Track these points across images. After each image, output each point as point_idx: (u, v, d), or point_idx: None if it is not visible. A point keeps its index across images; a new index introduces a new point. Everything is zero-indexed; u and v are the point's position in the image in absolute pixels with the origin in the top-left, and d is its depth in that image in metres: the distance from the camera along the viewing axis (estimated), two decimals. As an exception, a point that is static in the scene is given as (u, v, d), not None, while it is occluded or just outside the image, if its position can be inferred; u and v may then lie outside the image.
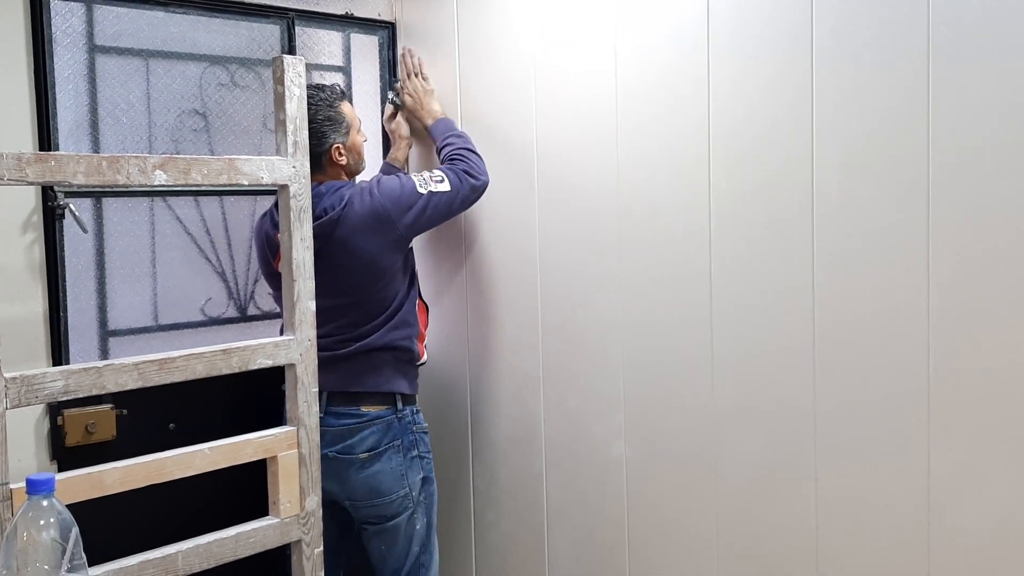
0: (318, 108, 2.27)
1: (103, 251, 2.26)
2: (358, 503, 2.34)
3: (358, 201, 2.25)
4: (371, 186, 2.29)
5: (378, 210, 2.25)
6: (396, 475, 2.33)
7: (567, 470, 2.37)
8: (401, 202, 2.27)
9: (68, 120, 2.18)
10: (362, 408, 2.30)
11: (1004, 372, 1.56)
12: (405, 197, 2.27)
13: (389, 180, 2.30)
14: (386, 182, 2.29)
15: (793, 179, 1.82)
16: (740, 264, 1.93)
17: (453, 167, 2.37)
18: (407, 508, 2.35)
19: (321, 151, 2.27)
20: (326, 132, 2.28)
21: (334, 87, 2.33)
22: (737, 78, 1.90)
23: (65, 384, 1.68)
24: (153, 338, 2.35)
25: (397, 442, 2.33)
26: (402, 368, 2.37)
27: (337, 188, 2.27)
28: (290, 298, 1.98)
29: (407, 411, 2.36)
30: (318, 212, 2.21)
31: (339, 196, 2.25)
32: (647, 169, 2.09)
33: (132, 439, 2.18)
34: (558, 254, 2.33)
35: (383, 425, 2.32)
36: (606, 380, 2.23)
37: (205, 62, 2.41)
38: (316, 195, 2.22)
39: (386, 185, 2.28)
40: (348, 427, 2.29)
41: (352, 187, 2.29)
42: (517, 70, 2.38)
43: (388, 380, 2.34)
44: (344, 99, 2.34)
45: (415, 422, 2.39)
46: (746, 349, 1.94)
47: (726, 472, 2.00)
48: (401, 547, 2.37)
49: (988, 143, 1.55)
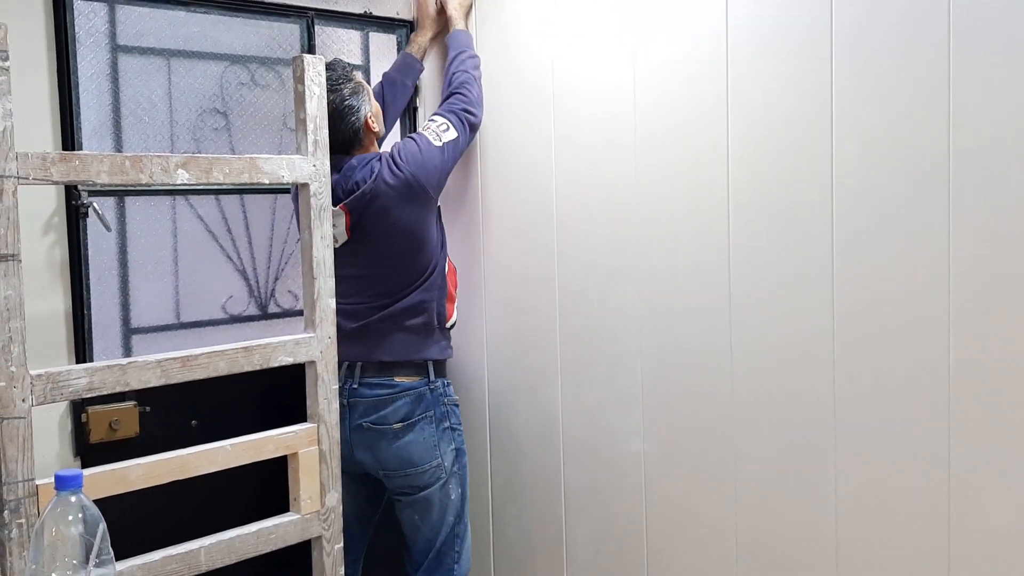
0: (341, 86, 2.31)
1: (126, 249, 2.28)
2: (391, 473, 2.37)
3: (387, 172, 2.30)
4: (394, 155, 2.33)
5: (408, 180, 2.30)
6: (429, 445, 2.36)
7: (585, 465, 2.38)
8: (426, 165, 2.33)
9: (91, 119, 2.20)
10: (395, 379, 2.35)
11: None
12: (427, 158, 2.33)
13: (408, 146, 2.35)
14: (407, 149, 2.34)
15: (812, 172, 1.82)
16: (759, 258, 1.93)
17: (453, 108, 2.43)
18: (439, 479, 2.39)
19: (359, 125, 2.34)
20: (357, 105, 2.34)
21: (339, 61, 2.38)
22: (756, 68, 1.90)
23: (90, 381, 1.70)
24: (175, 336, 2.37)
25: (430, 413, 2.37)
26: (432, 333, 2.41)
27: (367, 161, 2.33)
28: (310, 296, 1.99)
29: (439, 383, 2.40)
30: (351, 185, 2.30)
31: (370, 168, 2.31)
32: (665, 163, 2.09)
33: (155, 436, 2.20)
34: (575, 247, 2.33)
35: (415, 396, 2.36)
36: (624, 375, 2.24)
37: (226, 61, 2.43)
38: (348, 168, 2.32)
39: (408, 152, 2.33)
40: (381, 398, 2.33)
41: (380, 158, 2.34)
42: (535, 64, 2.38)
43: (419, 347, 2.39)
44: (352, 68, 2.39)
45: (446, 394, 2.43)
46: (765, 344, 1.94)
47: (745, 468, 2.00)
48: (436, 517, 2.41)
49: (1009, 135, 1.54)
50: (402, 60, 2.64)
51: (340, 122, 2.27)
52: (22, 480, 1.60)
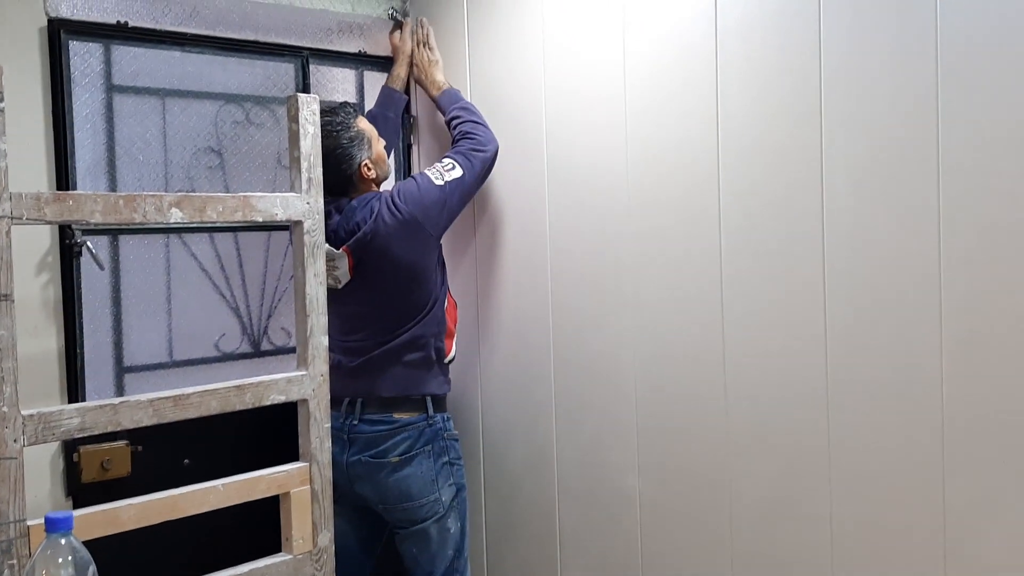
0: (339, 132, 2.32)
1: (119, 288, 2.28)
2: (389, 506, 2.37)
3: (386, 212, 2.31)
4: (394, 196, 2.34)
5: (406, 219, 2.30)
6: (427, 480, 2.36)
7: (580, 500, 2.36)
8: (425, 203, 2.32)
9: (86, 159, 2.21)
10: (394, 415, 2.35)
11: (1019, 401, 1.55)
12: (427, 197, 2.33)
13: (407, 185, 2.36)
14: (406, 189, 2.35)
15: (802, 204, 1.82)
16: (752, 291, 1.94)
17: (460, 148, 2.43)
18: (437, 513, 2.38)
19: (351, 172, 2.35)
20: (352, 153, 2.34)
21: (346, 106, 2.39)
22: (745, 101, 1.91)
23: (81, 421, 1.69)
24: (168, 374, 2.36)
25: (428, 447, 2.37)
26: (431, 366, 2.41)
27: (367, 201, 2.35)
28: (303, 333, 1.99)
29: (438, 418, 2.40)
30: (352, 226, 2.31)
31: (369, 208, 2.32)
32: (658, 195, 2.10)
33: (147, 475, 2.18)
34: (570, 281, 2.33)
35: (415, 431, 2.36)
36: (619, 409, 2.23)
37: (221, 100, 2.44)
38: (349, 210, 2.34)
39: (407, 192, 2.34)
40: (381, 433, 2.34)
41: (380, 197, 2.35)
42: (526, 98, 2.40)
43: (419, 383, 2.39)
44: (358, 114, 2.40)
45: (446, 429, 2.42)
46: (760, 378, 1.94)
47: (740, 502, 1.99)
48: (435, 551, 2.40)
49: (999, 165, 1.55)
50: (382, 94, 2.68)
51: (334, 167, 2.27)
52: (13, 521, 1.59)
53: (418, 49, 2.65)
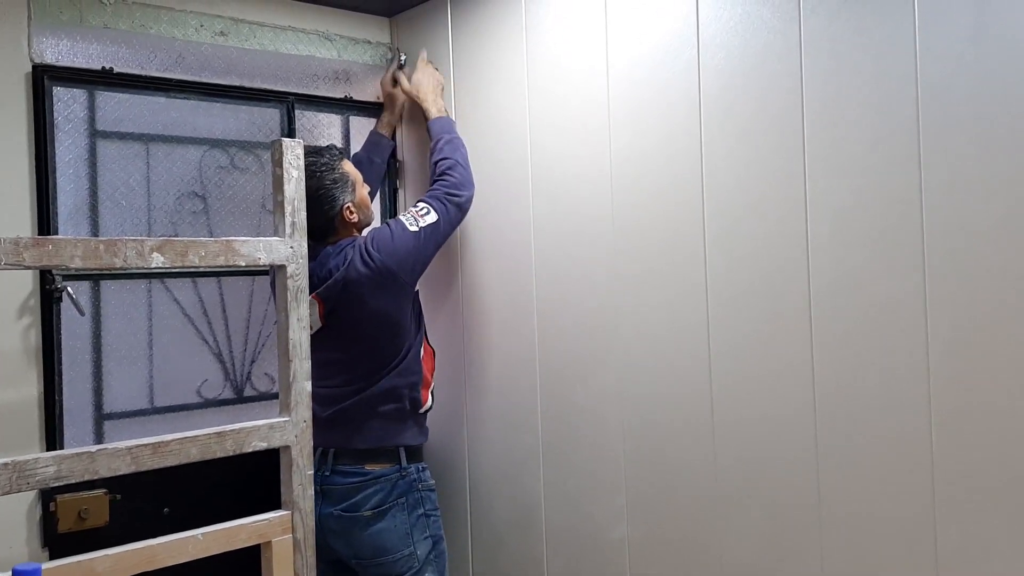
0: (323, 173, 2.30)
1: (100, 333, 2.25)
2: (364, 561, 2.33)
3: (359, 260, 2.28)
4: (367, 244, 2.30)
5: (379, 268, 2.27)
6: (401, 533, 2.31)
7: (568, 554, 2.32)
8: (398, 252, 2.29)
9: (68, 204, 2.20)
10: (366, 466, 2.31)
11: (1008, 446, 1.53)
12: (401, 247, 2.29)
13: (381, 233, 2.32)
14: (380, 237, 2.31)
15: (787, 252, 1.82)
16: (738, 342, 1.93)
17: (435, 193, 2.39)
18: (412, 567, 2.33)
19: (333, 214, 2.33)
20: (335, 195, 2.32)
21: (331, 149, 2.37)
22: (729, 155, 1.92)
23: (57, 470, 1.65)
24: (149, 421, 2.33)
25: (402, 500, 2.32)
26: (406, 417, 2.37)
27: (342, 248, 2.32)
28: (286, 379, 1.96)
29: (412, 468, 2.35)
30: (324, 273, 2.28)
31: (343, 256, 2.30)
32: (643, 246, 2.10)
33: (126, 524, 2.14)
34: (555, 332, 2.32)
35: (387, 483, 2.31)
36: (606, 461, 2.20)
37: (205, 145, 2.44)
38: (324, 256, 2.31)
39: (381, 240, 2.30)
40: (353, 485, 2.30)
41: (354, 245, 2.32)
42: (513, 147, 2.41)
43: (393, 433, 2.34)
44: (343, 157, 2.39)
45: (421, 479, 2.37)
46: (747, 429, 1.92)
47: (729, 554, 1.96)
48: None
49: (980, 212, 1.55)
50: (369, 138, 2.68)
51: (316, 209, 2.24)
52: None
53: (425, 66, 2.61)
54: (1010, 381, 1.53)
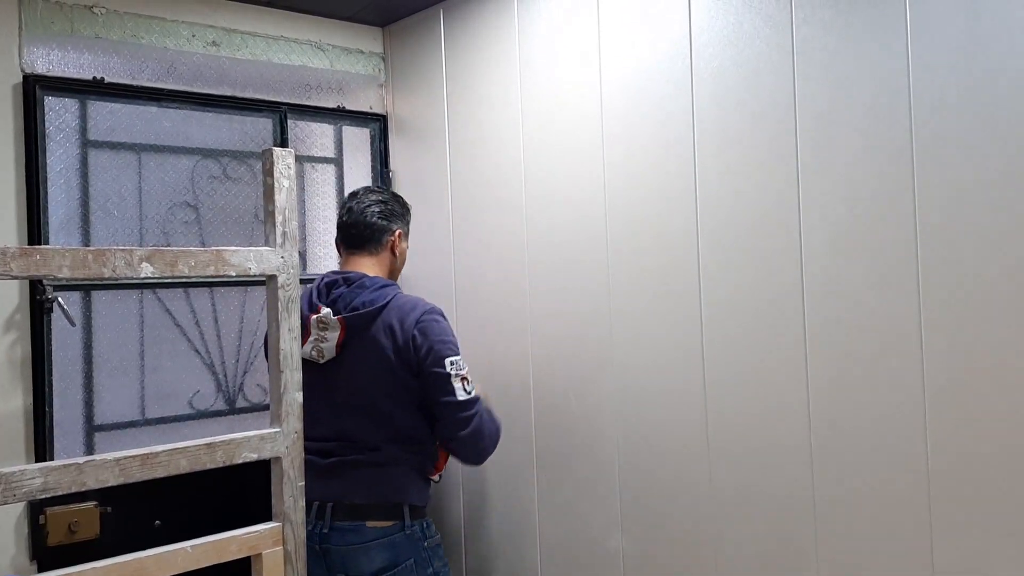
0: (396, 198, 2.30)
1: (91, 344, 2.24)
2: None
3: (396, 311, 2.14)
4: (418, 314, 2.15)
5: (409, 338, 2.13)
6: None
7: (563, 564, 2.31)
8: (433, 354, 2.13)
9: (59, 214, 2.19)
10: (367, 524, 2.13)
11: (1004, 454, 1.52)
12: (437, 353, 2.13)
13: (439, 326, 2.17)
14: (436, 328, 2.16)
15: (782, 265, 1.81)
16: (733, 350, 1.91)
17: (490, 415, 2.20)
18: None
19: (389, 228, 2.25)
20: (395, 217, 2.27)
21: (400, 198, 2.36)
22: (723, 167, 1.91)
23: (44, 482, 1.63)
24: (140, 432, 2.31)
25: (409, 561, 2.14)
26: (412, 476, 2.18)
27: (382, 285, 2.19)
28: (277, 389, 1.95)
29: (416, 526, 2.16)
30: (356, 303, 2.14)
31: (382, 294, 2.16)
32: (637, 258, 2.09)
33: (116, 537, 2.13)
34: (549, 341, 2.31)
35: (389, 543, 2.13)
36: (601, 470, 2.19)
37: (197, 155, 2.43)
38: (359, 285, 2.17)
39: (433, 329, 2.15)
40: (354, 546, 2.12)
41: (397, 291, 2.20)
42: (505, 160, 2.40)
43: (396, 489, 2.16)
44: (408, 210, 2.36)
45: (426, 536, 2.18)
46: (743, 436, 1.90)
47: (724, 564, 1.94)
48: None
49: (973, 222, 1.55)
50: None
51: (372, 216, 2.21)
52: (-32, 587, 1.53)
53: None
54: (1003, 386, 1.52)
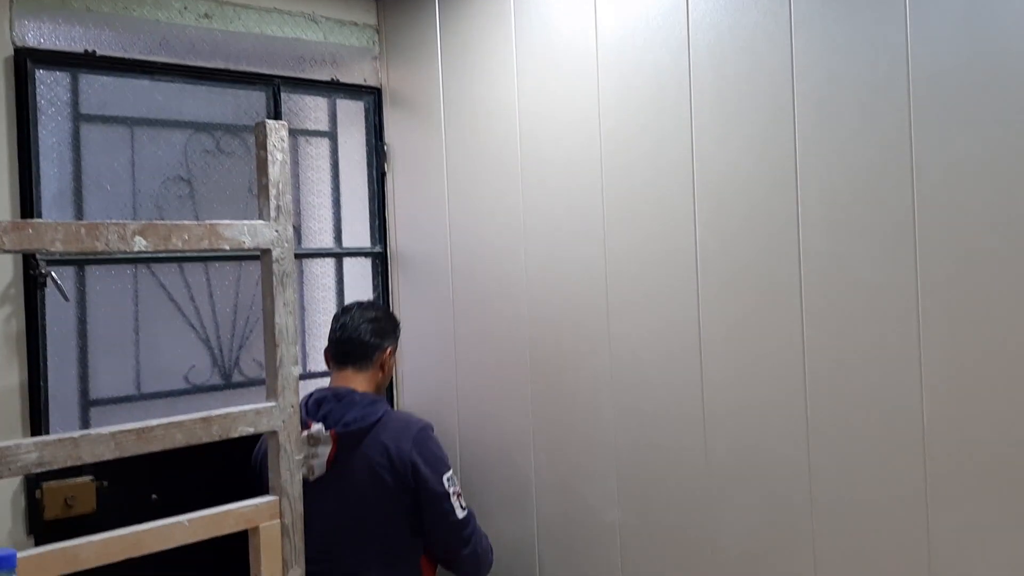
0: (390, 316, 2.39)
1: (85, 319, 2.23)
2: None
3: (389, 428, 2.19)
4: (414, 432, 2.21)
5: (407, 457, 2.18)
6: None
7: (560, 537, 2.31)
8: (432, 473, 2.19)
9: (51, 188, 2.18)
10: None
11: (999, 429, 1.52)
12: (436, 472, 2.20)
13: (434, 443, 2.25)
14: (431, 446, 2.23)
15: (779, 237, 1.81)
16: (729, 324, 1.91)
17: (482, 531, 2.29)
18: None
19: (380, 346, 2.32)
20: (387, 334, 2.34)
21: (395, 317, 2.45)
22: (720, 138, 1.90)
23: (40, 455, 1.63)
24: (135, 407, 2.31)
25: None
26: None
27: (371, 401, 2.24)
28: (272, 364, 1.94)
29: None
30: (347, 419, 2.17)
31: (373, 411, 2.21)
32: (634, 229, 2.08)
33: (113, 511, 2.13)
34: (547, 316, 2.30)
35: None
36: (598, 444, 2.19)
37: (190, 129, 2.42)
38: (349, 401, 2.21)
39: (429, 448, 2.22)
40: None
41: (387, 407, 2.26)
42: (501, 132, 2.38)
43: None
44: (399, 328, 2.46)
45: None
46: (739, 411, 1.91)
47: (722, 537, 1.95)
48: None
49: (974, 201, 1.54)
50: None
51: (365, 333, 2.28)
52: (-38, 561, 1.52)
53: None
54: (1002, 359, 1.52)
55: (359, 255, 2.78)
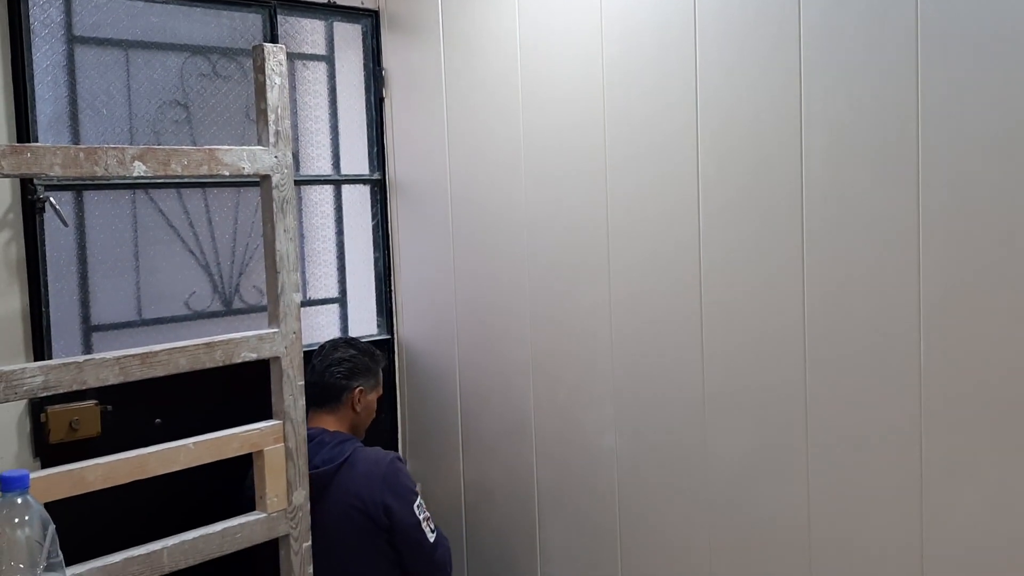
0: (361, 352, 2.37)
1: (85, 245, 2.23)
2: None
3: (358, 466, 2.22)
4: (383, 469, 2.24)
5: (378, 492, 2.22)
6: None
7: (558, 462, 2.35)
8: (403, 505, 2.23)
9: (47, 112, 2.15)
10: None
11: (996, 361, 1.54)
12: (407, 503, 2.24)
13: (403, 475, 2.28)
14: (401, 478, 2.26)
15: (781, 168, 1.80)
16: (729, 253, 1.91)
17: (446, 545, 2.33)
18: None
19: (348, 387, 2.33)
20: (358, 373, 2.35)
21: (383, 355, 2.48)
22: (724, 68, 1.88)
23: (45, 380, 1.64)
24: (137, 333, 2.32)
25: None
26: None
27: (340, 441, 2.27)
28: (274, 290, 1.95)
29: None
30: (316, 461, 2.19)
31: (341, 450, 2.24)
32: (635, 156, 2.07)
33: (117, 435, 2.15)
34: (545, 243, 2.30)
35: None
36: (596, 371, 2.21)
37: (186, 52, 2.38)
38: (319, 443, 2.23)
39: (399, 481, 2.25)
40: None
41: (357, 446, 2.27)
42: (502, 57, 2.35)
43: None
44: (383, 365, 2.46)
45: None
46: (736, 337, 1.92)
47: (717, 461, 1.98)
48: None
49: (978, 125, 1.53)
50: None
51: (333, 373, 2.30)
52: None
53: None
54: (1001, 294, 1.52)
55: (357, 182, 2.77)
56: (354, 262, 2.78)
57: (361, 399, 2.36)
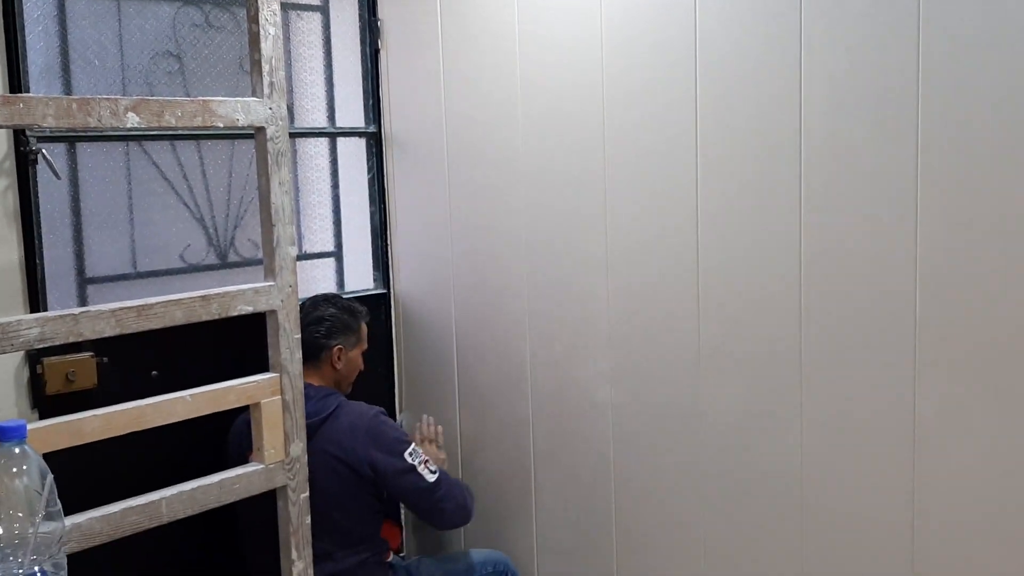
0: (342, 311, 2.35)
1: (78, 197, 2.22)
2: None
3: (342, 419, 2.24)
4: (366, 421, 2.25)
5: (364, 444, 2.23)
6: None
7: (553, 415, 2.37)
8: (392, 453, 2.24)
9: (38, 63, 2.13)
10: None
11: (990, 307, 1.55)
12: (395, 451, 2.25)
13: (388, 426, 2.29)
14: (386, 429, 2.27)
15: (780, 117, 1.79)
16: (727, 205, 1.91)
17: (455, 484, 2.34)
18: None
19: (327, 346, 2.32)
20: (337, 332, 2.33)
21: (363, 309, 2.42)
22: (724, 15, 1.86)
23: (41, 331, 1.64)
24: (132, 285, 2.32)
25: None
26: (371, 569, 2.31)
27: (324, 395, 2.27)
28: (269, 243, 1.94)
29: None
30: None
31: (325, 404, 2.25)
32: (633, 107, 2.06)
33: (114, 387, 2.16)
34: (542, 196, 2.30)
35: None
36: (591, 325, 2.22)
37: (179, 2, 2.35)
38: (304, 396, 2.16)
39: (384, 432, 2.26)
40: None
41: (341, 400, 2.28)
42: (499, 7, 2.32)
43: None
44: (366, 319, 2.43)
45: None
46: (732, 292, 1.92)
47: (711, 414, 2.00)
48: None
49: (978, 79, 1.52)
50: None
51: (312, 332, 2.28)
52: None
53: (426, 445, 2.52)
54: (998, 248, 1.53)
55: (352, 135, 2.75)
56: (350, 216, 2.77)
57: (341, 356, 2.36)
